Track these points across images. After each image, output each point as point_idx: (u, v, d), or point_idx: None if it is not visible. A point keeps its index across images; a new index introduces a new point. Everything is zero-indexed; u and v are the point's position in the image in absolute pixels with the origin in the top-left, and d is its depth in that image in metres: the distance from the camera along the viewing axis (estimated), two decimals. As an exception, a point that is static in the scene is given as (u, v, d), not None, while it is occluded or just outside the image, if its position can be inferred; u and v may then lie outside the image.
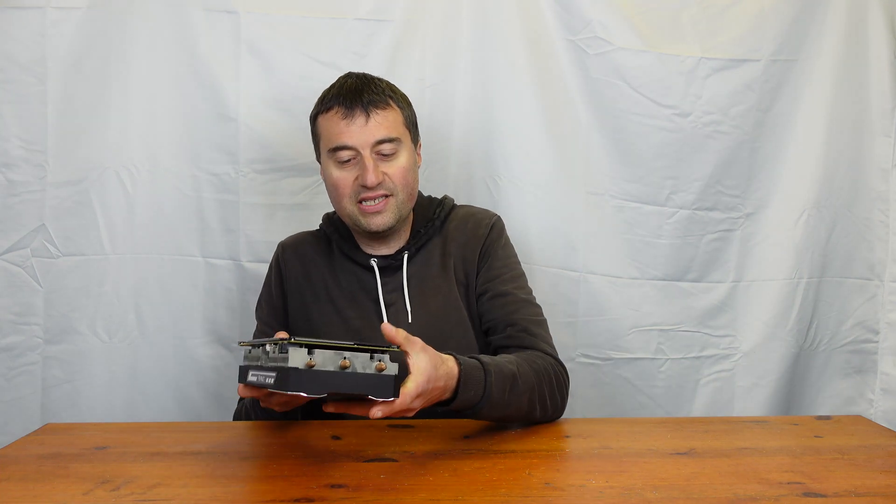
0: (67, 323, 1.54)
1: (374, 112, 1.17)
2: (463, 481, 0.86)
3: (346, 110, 1.17)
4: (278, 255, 1.31)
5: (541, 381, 1.09)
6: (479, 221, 1.28)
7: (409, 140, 1.23)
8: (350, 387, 0.82)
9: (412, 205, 1.25)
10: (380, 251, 1.27)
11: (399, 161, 1.19)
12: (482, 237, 1.26)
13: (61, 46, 1.47)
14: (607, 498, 0.82)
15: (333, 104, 1.19)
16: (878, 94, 1.65)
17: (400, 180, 1.19)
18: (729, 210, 1.66)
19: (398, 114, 1.21)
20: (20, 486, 0.85)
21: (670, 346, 1.68)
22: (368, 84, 1.20)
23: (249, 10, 1.53)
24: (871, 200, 1.69)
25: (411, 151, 1.23)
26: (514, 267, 1.27)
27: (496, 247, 1.27)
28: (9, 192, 1.48)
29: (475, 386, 0.98)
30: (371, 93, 1.18)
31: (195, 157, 1.56)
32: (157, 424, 1.10)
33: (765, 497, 0.83)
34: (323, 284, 1.26)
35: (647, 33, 1.59)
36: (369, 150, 1.17)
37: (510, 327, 1.19)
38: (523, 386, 1.05)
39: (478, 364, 1.00)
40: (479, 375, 0.99)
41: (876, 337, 1.71)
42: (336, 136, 1.18)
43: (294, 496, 0.82)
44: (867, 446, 1.02)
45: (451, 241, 1.27)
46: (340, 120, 1.17)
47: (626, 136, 1.62)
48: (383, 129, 1.17)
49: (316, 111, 1.23)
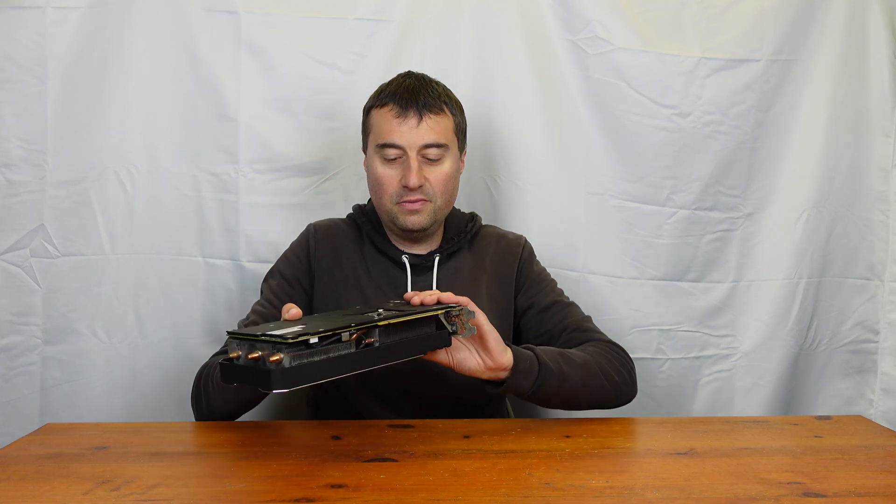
0: (66, 323, 1.53)
1: (427, 115, 1.20)
2: (463, 481, 0.86)
3: (401, 109, 1.20)
4: (310, 235, 1.32)
5: (598, 358, 1.17)
6: (512, 242, 1.35)
7: (457, 147, 1.26)
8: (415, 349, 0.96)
9: (448, 211, 1.29)
10: (412, 249, 1.30)
11: (443, 167, 1.23)
12: (517, 256, 1.33)
13: (61, 46, 1.47)
14: (607, 498, 0.82)
15: (389, 101, 1.22)
16: (878, 94, 1.65)
17: (440, 187, 1.22)
18: (729, 210, 1.66)
19: (450, 120, 1.24)
20: (20, 486, 0.85)
21: (670, 346, 1.68)
22: (426, 86, 1.24)
23: (249, 10, 1.53)
24: (871, 200, 1.68)
25: (456, 159, 1.26)
26: (549, 279, 1.35)
27: (531, 265, 1.34)
28: (8, 192, 1.48)
29: (527, 358, 1.07)
30: (427, 96, 1.22)
31: (195, 157, 1.55)
32: (157, 424, 1.10)
33: (765, 497, 0.83)
34: (353, 272, 1.28)
35: (647, 33, 1.59)
36: (416, 152, 1.20)
37: (565, 332, 1.26)
38: (577, 360, 1.13)
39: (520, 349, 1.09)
40: (528, 352, 1.08)
41: (876, 337, 1.71)
42: (387, 133, 1.21)
43: (294, 496, 0.82)
44: (867, 446, 1.02)
45: (483, 257, 1.32)
46: (393, 118, 1.20)
47: (626, 136, 1.61)
48: (433, 134, 1.21)
49: (370, 104, 1.26)
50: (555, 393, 1.09)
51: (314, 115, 1.57)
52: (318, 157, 1.58)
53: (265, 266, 1.37)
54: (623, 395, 1.19)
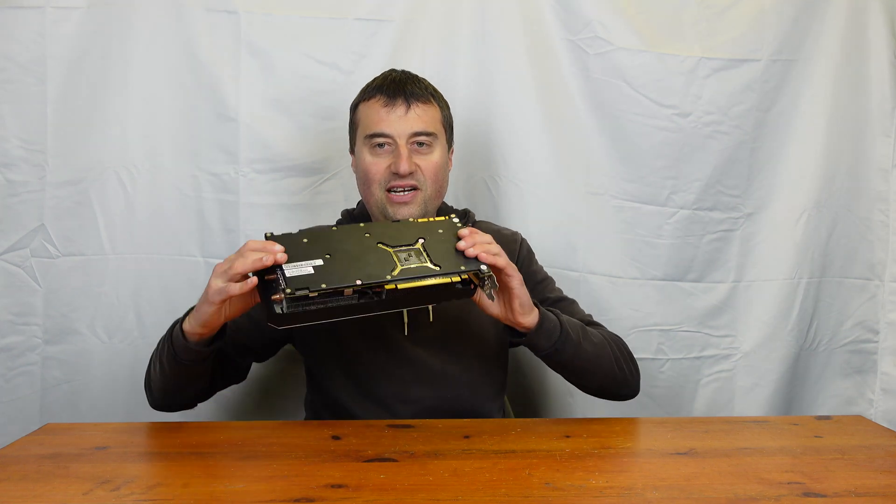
0: (67, 323, 1.53)
1: (414, 104, 1.22)
2: (463, 481, 0.86)
3: (388, 99, 1.21)
4: None
5: (612, 345, 1.21)
6: (507, 238, 1.34)
7: (444, 140, 1.27)
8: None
9: (439, 203, 1.28)
10: None
11: (433, 156, 1.23)
12: (514, 252, 1.33)
13: (61, 46, 1.47)
14: (607, 498, 0.82)
15: (376, 93, 1.23)
16: (878, 95, 1.65)
17: (430, 175, 1.22)
18: (729, 210, 1.66)
19: (437, 111, 1.25)
20: (20, 486, 0.85)
21: (670, 347, 1.68)
22: (412, 79, 1.26)
23: (249, 10, 1.53)
24: (871, 200, 1.68)
25: (445, 150, 1.27)
26: (548, 276, 1.35)
27: (529, 262, 1.34)
28: (8, 192, 1.48)
29: (551, 320, 1.11)
30: (414, 86, 1.23)
31: (195, 157, 1.55)
32: (157, 424, 1.10)
33: (765, 497, 0.83)
34: None
35: (647, 33, 1.59)
36: (405, 140, 1.21)
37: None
38: (594, 337, 1.18)
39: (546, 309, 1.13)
40: (552, 315, 1.13)
41: (876, 337, 1.71)
42: (375, 122, 1.21)
43: (294, 496, 0.82)
44: (867, 446, 1.02)
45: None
46: (381, 108, 1.21)
47: (626, 136, 1.61)
48: (422, 122, 1.21)
49: (357, 100, 1.27)
50: (569, 361, 1.15)
51: (314, 115, 1.57)
52: (318, 157, 1.58)
53: (265, 266, 1.37)
54: (627, 386, 1.22)
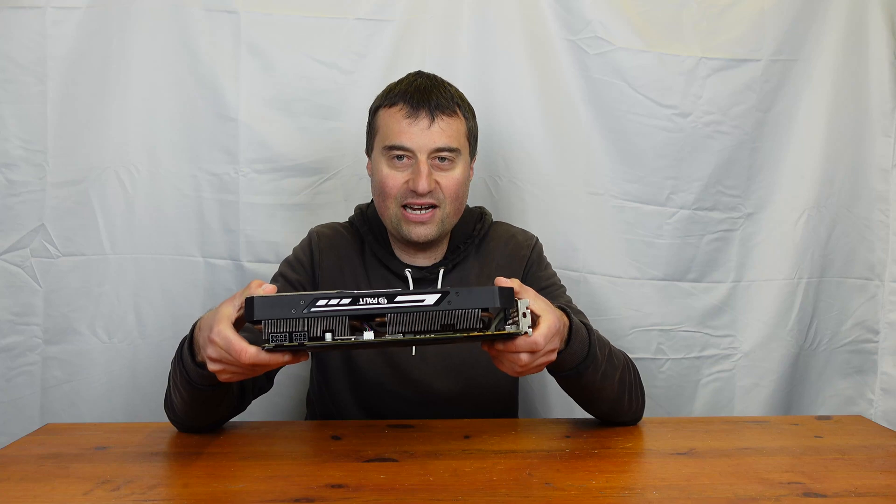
0: (67, 323, 1.53)
1: (439, 117, 1.14)
2: (463, 481, 0.86)
3: (411, 109, 1.14)
4: (313, 242, 1.26)
5: (626, 365, 1.10)
6: (520, 244, 1.28)
7: (468, 153, 1.21)
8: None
9: (457, 219, 1.22)
10: (415, 260, 1.24)
11: (454, 173, 1.17)
12: (524, 260, 1.27)
13: (61, 46, 1.47)
14: (607, 498, 0.82)
15: (399, 100, 1.15)
16: (878, 94, 1.65)
17: (451, 193, 1.17)
18: (729, 210, 1.66)
19: (462, 124, 1.18)
20: (20, 486, 0.85)
21: (671, 347, 1.68)
22: (438, 87, 1.17)
23: (249, 10, 1.53)
24: (871, 200, 1.68)
25: (467, 165, 1.20)
26: (558, 284, 1.28)
27: (539, 269, 1.27)
28: (9, 192, 1.48)
29: (581, 339, 0.98)
30: (440, 96, 1.15)
31: (195, 157, 1.55)
32: (157, 424, 1.10)
33: (765, 497, 0.83)
34: (355, 282, 1.23)
35: (647, 33, 1.59)
36: (426, 156, 1.14)
37: None
38: (616, 360, 1.06)
39: (578, 321, 1.00)
40: (584, 331, 1.00)
41: (876, 337, 1.71)
42: (395, 134, 1.15)
43: (294, 496, 0.82)
44: (867, 446, 1.02)
45: (490, 263, 1.26)
46: (403, 118, 1.14)
47: (626, 136, 1.61)
48: (445, 137, 1.14)
49: (378, 104, 1.20)
50: (587, 385, 1.02)
51: (314, 115, 1.57)
52: (317, 157, 1.58)
53: (265, 266, 1.37)
54: (632, 415, 1.12)
